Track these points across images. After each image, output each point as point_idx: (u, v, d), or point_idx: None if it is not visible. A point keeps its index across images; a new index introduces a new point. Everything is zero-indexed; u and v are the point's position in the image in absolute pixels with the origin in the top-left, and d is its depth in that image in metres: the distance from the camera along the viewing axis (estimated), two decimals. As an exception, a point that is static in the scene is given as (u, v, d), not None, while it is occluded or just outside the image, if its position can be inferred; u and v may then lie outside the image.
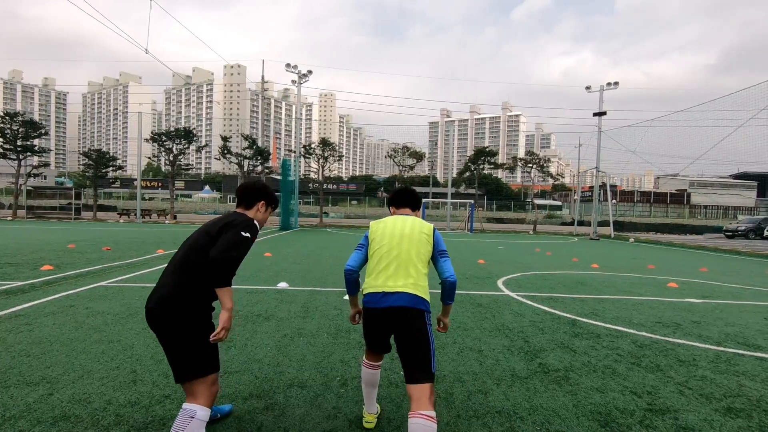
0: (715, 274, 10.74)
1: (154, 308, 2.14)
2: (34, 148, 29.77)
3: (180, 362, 2.13)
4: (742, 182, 66.80)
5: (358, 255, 2.58)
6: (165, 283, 2.19)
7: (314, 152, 31.16)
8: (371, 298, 2.38)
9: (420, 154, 38.36)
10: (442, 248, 2.53)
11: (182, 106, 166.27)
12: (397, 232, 2.50)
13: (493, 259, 12.42)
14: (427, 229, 2.53)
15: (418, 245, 2.45)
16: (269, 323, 4.90)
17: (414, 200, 2.79)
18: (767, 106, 18.10)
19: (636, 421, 2.85)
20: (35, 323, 4.61)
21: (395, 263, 2.41)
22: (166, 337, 2.14)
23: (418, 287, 2.36)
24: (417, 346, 2.26)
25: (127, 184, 61.86)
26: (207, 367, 2.17)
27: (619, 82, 27.02)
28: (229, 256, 2.09)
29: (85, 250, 11.25)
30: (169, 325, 2.12)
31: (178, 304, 2.13)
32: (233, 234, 2.18)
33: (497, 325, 5.14)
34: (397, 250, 2.43)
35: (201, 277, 2.16)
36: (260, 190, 2.45)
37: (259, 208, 2.45)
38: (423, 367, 2.22)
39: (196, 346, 2.14)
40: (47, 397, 2.92)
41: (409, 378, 2.23)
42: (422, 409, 2.10)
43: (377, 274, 2.42)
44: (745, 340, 4.81)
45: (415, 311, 2.32)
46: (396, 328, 2.32)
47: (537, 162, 33.10)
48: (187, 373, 2.14)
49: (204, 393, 2.14)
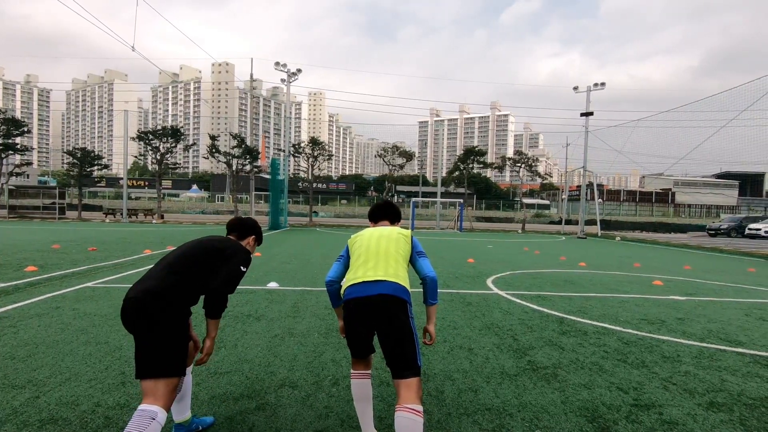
0: (698, 271, 10.96)
1: (140, 298, 2.12)
2: (16, 147, 29.15)
3: (150, 357, 2.09)
4: (725, 182, 68.26)
5: (338, 266, 2.57)
6: (154, 278, 2.22)
7: (304, 151, 31.03)
8: (351, 290, 2.33)
9: (410, 153, 38.43)
10: (420, 249, 2.54)
11: (169, 105, 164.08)
12: (375, 235, 2.53)
13: (482, 258, 12.51)
14: (406, 232, 2.56)
15: (397, 243, 2.47)
16: (259, 323, 4.89)
17: (393, 213, 2.77)
18: (748, 107, 18.52)
19: (622, 416, 2.91)
20: (20, 325, 4.53)
21: (374, 256, 2.41)
22: (143, 328, 2.11)
23: (399, 276, 2.34)
24: (401, 340, 2.22)
25: (113, 183, 60.95)
26: (175, 367, 2.14)
27: (605, 83, 27.39)
28: (228, 290, 2.33)
29: (70, 251, 11.07)
30: (150, 317, 2.10)
31: (164, 299, 2.14)
32: (235, 268, 2.38)
33: (487, 323, 5.19)
34: (375, 247, 2.45)
35: (189, 282, 2.25)
36: (253, 227, 2.72)
37: (249, 242, 2.69)
38: (409, 361, 2.20)
39: (170, 344, 2.13)
40: (34, 400, 2.88)
41: (395, 373, 2.21)
42: (409, 402, 2.10)
43: (356, 269, 2.41)
44: (727, 336, 4.93)
45: (398, 300, 2.27)
46: (378, 319, 2.26)
47: (525, 161, 33.42)
48: (154, 369, 2.09)
49: (165, 395, 2.08)
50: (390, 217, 2.76)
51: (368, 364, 2.50)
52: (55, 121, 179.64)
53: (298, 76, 27.40)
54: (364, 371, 2.47)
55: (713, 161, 31.18)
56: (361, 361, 2.46)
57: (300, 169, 35.70)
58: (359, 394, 2.46)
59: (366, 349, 2.41)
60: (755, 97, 18.08)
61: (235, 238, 2.64)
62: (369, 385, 2.45)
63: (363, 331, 2.34)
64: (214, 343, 2.29)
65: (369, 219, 2.83)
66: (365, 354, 2.43)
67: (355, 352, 2.43)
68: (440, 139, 76.47)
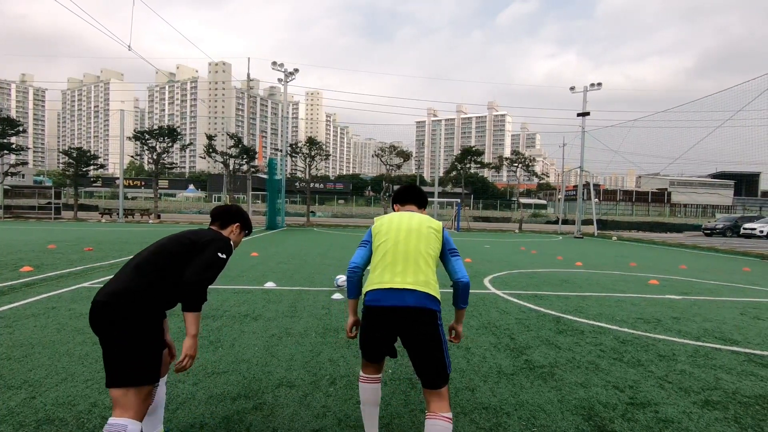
0: (694, 271, 11.02)
1: (105, 301, 1.97)
2: (11, 146, 28.96)
3: (119, 365, 1.94)
4: (720, 181, 68.64)
5: (363, 252, 2.34)
6: (121, 280, 2.06)
7: (301, 151, 30.99)
8: (375, 296, 2.15)
9: (407, 153, 38.43)
10: (453, 247, 2.34)
11: (166, 104, 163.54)
12: (404, 226, 2.28)
13: (479, 257, 12.54)
14: (437, 225, 2.32)
15: (427, 240, 2.25)
16: (257, 323, 4.88)
17: (420, 197, 2.56)
18: (743, 107, 18.64)
19: (618, 414, 2.93)
20: (16, 326, 4.51)
21: (402, 258, 2.19)
22: (110, 334, 1.96)
23: (429, 285, 2.15)
24: (432, 351, 2.10)
25: (109, 183, 60.68)
26: (146, 375, 1.98)
27: (602, 83, 27.48)
28: (204, 278, 2.06)
29: (66, 251, 11.02)
30: (117, 322, 1.95)
31: (132, 302, 1.98)
32: (210, 254, 2.13)
33: (484, 322, 5.21)
34: (404, 244, 2.22)
35: (161, 281, 2.07)
36: (236, 213, 2.46)
37: (233, 230, 2.43)
38: (440, 371, 2.10)
39: (139, 351, 1.96)
40: (30, 400, 2.87)
41: (425, 383, 2.12)
42: (443, 411, 2.07)
43: (383, 270, 2.19)
44: (722, 335, 4.96)
45: (428, 312, 2.11)
46: (405, 330, 2.11)
47: (522, 161, 33.47)
48: (123, 377, 1.94)
49: (136, 406, 1.94)
50: (417, 201, 2.54)
51: (380, 368, 2.36)
52: (51, 121, 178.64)
53: (295, 75, 27.40)
54: (375, 375, 2.33)
55: (709, 161, 31.41)
56: (373, 365, 2.32)
57: (297, 168, 35.66)
58: (369, 399, 2.32)
59: (383, 354, 2.27)
60: (750, 97, 18.20)
61: (218, 227, 2.41)
62: (379, 389, 2.34)
63: (383, 341, 2.19)
64: (197, 342, 2.07)
65: (394, 202, 2.60)
66: (379, 359, 2.31)
67: (370, 357, 2.29)
68: (437, 138, 76.64)
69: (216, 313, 5.22)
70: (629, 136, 27.14)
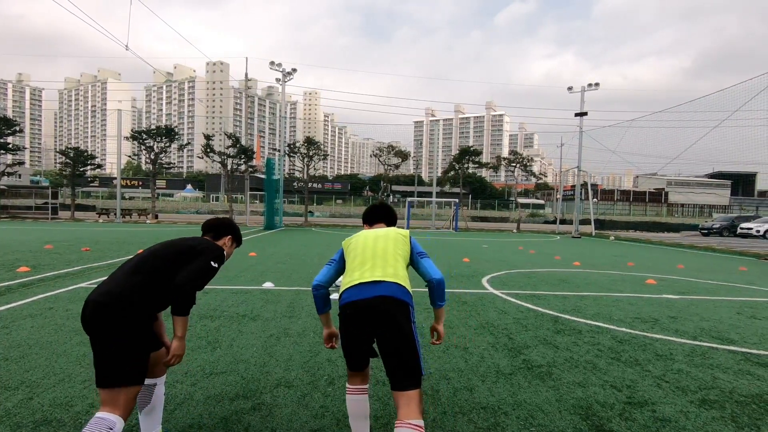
0: (691, 270, 11.06)
1: (100, 301, 2.00)
2: (7, 146, 28.87)
3: (111, 365, 1.98)
4: (717, 181, 68.85)
5: (327, 270, 2.39)
6: (117, 280, 2.10)
7: (299, 151, 30.98)
8: (348, 294, 2.17)
9: (405, 153, 38.50)
10: (421, 250, 2.38)
11: (163, 104, 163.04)
12: (372, 236, 2.39)
13: (477, 257, 12.55)
14: (404, 232, 2.42)
15: (395, 242, 2.33)
16: (255, 323, 4.88)
17: (389, 215, 2.63)
18: (740, 108, 18.71)
19: (616, 414, 2.94)
20: (13, 326, 4.50)
21: (371, 256, 2.25)
22: (104, 334, 1.99)
23: (398, 276, 2.18)
24: (403, 348, 2.04)
25: (107, 183, 60.44)
26: (136, 376, 2.03)
27: (599, 83, 27.55)
28: (195, 285, 2.15)
29: (63, 251, 10.98)
30: (112, 322, 1.98)
31: (126, 302, 2.01)
32: (203, 262, 2.22)
33: (482, 322, 5.21)
34: (372, 248, 2.30)
35: (157, 283, 2.12)
36: (229, 226, 2.58)
37: (226, 242, 2.53)
38: (409, 371, 2.02)
39: (131, 351, 2.01)
40: (27, 401, 2.86)
41: (395, 385, 2.03)
42: (411, 417, 1.93)
43: (352, 271, 2.25)
44: (719, 335, 4.98)
45: (398, 302, 2.10)
46: (377, 324, 2.08)
47: (520, 161, 33.57)
48: (115, 377, 1.98)
49: (124, 404, 1.99)
50: (386, 220, 2.62)
51: (366, 377, 2.31)
52: (48, 121, 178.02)
53: (293, 75, 27.35)
54: (362, 386, 2.28)
55: (706, 161, 31.52)
56: (358, 374, 2.28)
57: (295, 168, 35.65)
58: (357, 412, 2.27)
59: (364, 359, 2.23)
60: (747, 97, 18.29)
61: (211, 238, 2.50)
62: (367, 401, 2.30)
63: (361, 339, 2.16)
64: (185, 343, 2.18)
65: (363, 221, 2.67)
66: (363, 365, 2.26)
67: (353, 364, 2.25)
68: (436, 138, 76.64)
69: (214, 314, 5.20)
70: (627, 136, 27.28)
